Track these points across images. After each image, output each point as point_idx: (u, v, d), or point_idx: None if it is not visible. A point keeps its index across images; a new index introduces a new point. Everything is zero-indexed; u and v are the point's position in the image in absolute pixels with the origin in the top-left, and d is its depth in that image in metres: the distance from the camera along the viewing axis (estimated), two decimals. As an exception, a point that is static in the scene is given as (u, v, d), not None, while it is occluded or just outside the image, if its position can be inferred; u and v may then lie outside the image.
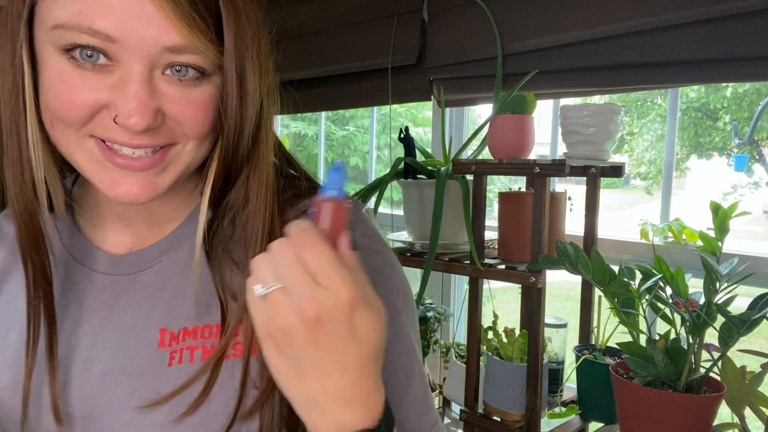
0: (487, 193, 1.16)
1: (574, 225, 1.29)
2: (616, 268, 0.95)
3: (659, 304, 0.91)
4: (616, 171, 1.25)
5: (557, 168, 1.03)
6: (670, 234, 1.28)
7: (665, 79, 1.18)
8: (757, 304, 0.84)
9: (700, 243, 0.99)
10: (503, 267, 1.12)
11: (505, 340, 1.15)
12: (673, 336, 0.92)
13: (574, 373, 1.18)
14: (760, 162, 7.59)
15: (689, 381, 0.88)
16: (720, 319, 0.85)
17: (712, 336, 0.87)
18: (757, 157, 7.50)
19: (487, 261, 1.15)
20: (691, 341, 0.87)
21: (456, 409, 1.49)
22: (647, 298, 0.91)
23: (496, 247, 1.24)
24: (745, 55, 1.05)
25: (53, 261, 0.54)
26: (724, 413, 0.86)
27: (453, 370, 1.38)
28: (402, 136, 1.38)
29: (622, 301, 0.95)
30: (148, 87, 0.45)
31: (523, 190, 1.29)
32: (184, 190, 0.57)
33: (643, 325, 0.94)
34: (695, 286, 0.93)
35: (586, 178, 1.26)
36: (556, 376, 1.21)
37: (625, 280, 0.93)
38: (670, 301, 0.89)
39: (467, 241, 1.16)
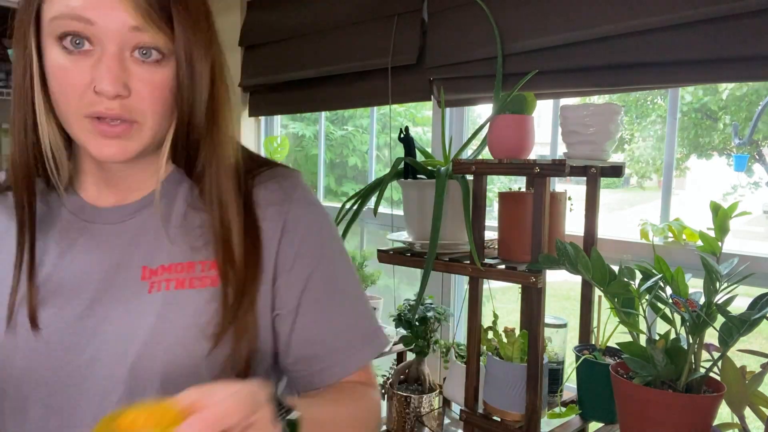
0: (487, 193, 1.16)
1: (574, 225, 1.29)
2: (616, 268, 0.95)
3: (659, 304, 0.91)
4: (616, 171, 1.25)
5: (557, 168, 1.03)
6: (670, 234, 1.28)
7: (665, 79, 1.18)
8: (757, 304, 0.84)
9: (700, 243, 0.99)
10: (503, 267, 1.12)
11: (505, 340, 1.15)
12: (673, 336, 0.92)
13: (574, 373, 1.18)
14: (760, 162, 7.59)
15: (689, 381, 0.88)
16: (720, 319, 0.85)
17: (712, 336, 0.87)
18: (757, 157, 7.49)
19: (487, 261, 1.15)
20: (691, 341, 0.87)
21: (456, 409, 1.49)
22: (647, 298, 0.91)
23: (496, 247, 1.24)
24: (744, 55, 1.06)
25: (50, 214, 0.70)
26: (724, 413, 0.87)
27: (453, 370, 1.38)
28: (402, 136, 1.38)
29: (622, 301, 0.95)
30: (119, 63, 0.59)
31: (523, 190, 1.29)
32: (154, 162, 0.69)
33: (643, 325, 0.95)
34: (695, 286, 0.93)
35: (586, 178, 1.26)
36: (556, 376, 1.21)
37: (625, 280, 0.93)
38: (670, 301, 0.89)
39: (467, 241, 1.16)
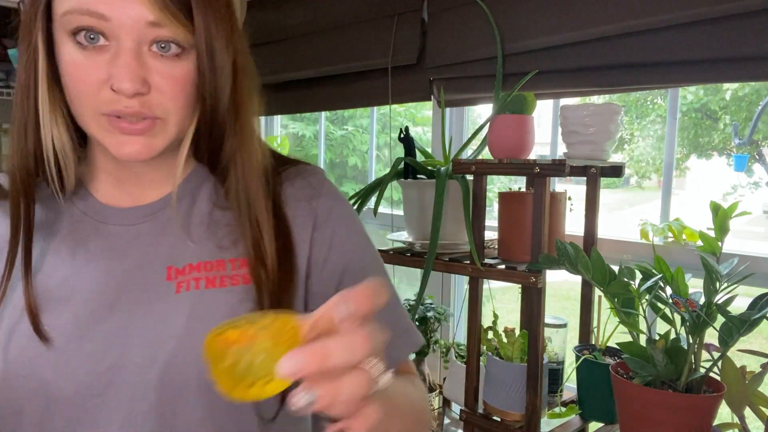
0: (487, 193, 1.16)
1: (574, 225, 1.29)
2: (616, 268, 0.95)
3: (659, 304, 0.91)
4: (616, 171, 1.25)
5: (557, 168, 1.03)
6: (670, 234, 1.28)
7: (665, 79, 1.18)
8: (757, 304, 0.84)
9: (700, 243, 0.99)
10: (503, 267, 1.12)
11: (505, 340, 1.15)
12: (673, 336, 0.92)
13: (574, 373, 1.18)
14: (760, 162, 7.59)
15: (689, 381, 0.88)
16: (720, 319, 0.85)
17: (712, 336, 0.87)
18: (757, 157, 7.49)
19: (487, 261, 1.15)
20: (691, 341, 0.87)
21: (456, 409, 1.49)
22: (647, 298, 0.91)
23: (496, 247, 1.24)
24: (745, 55, 1.05)
25: (59, 218, 0.66)
26: (724, 413, 0.86)
27: (453, 370, 1.38)
28: (402, 135, 1.38)
29: (622, 301, 0.95)
30: (137, 59, 0.55)
31: (523, 190, 1.29)
32: (174, 159, 0.65)
33: (643, 325, 0.94)
34: (695, 286, 0.93)
35: (586, 178, 1.26)
36: (556, 376, 1.21)
37: (625, 280, 0.93)
38: (670, 301, 0.89)
39: (467, 241, 1.16)
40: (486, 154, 1.27)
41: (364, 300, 0.40)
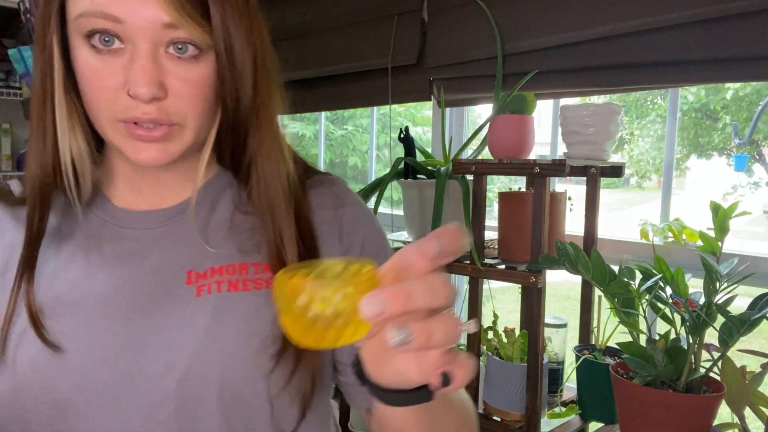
0: (487, 193, 1.16)
1: (574, 225, 1.29)
2: (616, 268, 0.95)
3: (659, 304, 0.91)
4: (616, 171, 1.25)
5: (557, 168, 1.03)
6: (670, 234, 1.28)
7: (665, 79, 1.18)
8: (757, 304, 0.84)
9: (700, 243, 0.99)
10: (503, 267, 1.12)
11: (505, 340, 1.15)
12: (673, 336, 0.92)
13: (574, 373, 1.18)
14: (760, 162, 7.59)
15: (689, 381, 0.88)
16: (720, 319, 0.85)
17: (712, 336, 0.87)
18: (757, 157, 7.49)
19: (487, 261, 1.15)
20: (691, 341, 0.87)
21: (456, 409, 1.49)
22: (647, 298, 0.91)
23: (496, 247, 1.24)
24: (745, 55, 1.05)
25: (73, 224, 0.63)
26: (724, 413, 0.86)
27: (453, 370, 1.38)
28: (402, 136, 1.38)
29: (622, 301, 0.95)
30: (153, 62, 0.53)
31: (523, 190, 1.29)
32: (197, 164, 0.63)
33: (643, 325, 0.95)
34: (695, 286, 0.93)
35: (586, 178, 1.26)
36: (556, 376, 1.21)
37: (625, 280, 0.93)
38: (670, 301, 0.89)
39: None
40: (486, 154, 1.27)
41: (454, 239, 0.37)
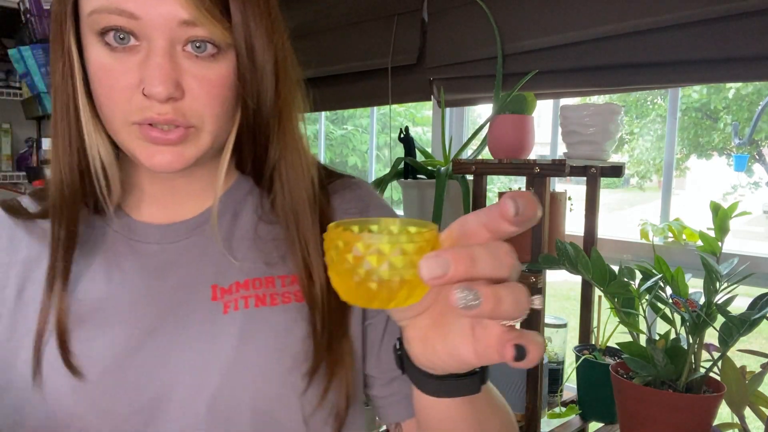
0: (487, 193, 1.16)
1: (574, 225, 1.29)
2: (616, 268, 0.95)
3: (659, 304, 0.91)
4: (616, 171, 1.25)
5: (557, 168, 1.03)
6: (670, 234, 1.28)
7: (665, 79, 1.18)
8: (757, 304, 0.84)
9: (700, 243, 0.99)
10: (503, 267, 1.12)
11: (505, 340, 1.15)
12: (673, 336, 0.92)
13: (574, 373, 1.18)
14: (760, 162, 7.59)
15: (689, 381, 0.88)
16: (720, 319, 0.85)
17: (712, 336, 0.87)
18: (757, 157, 7.50)
19: (487, 261, 1.15)
20: (691, 341, 0.87)
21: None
22: (647, 298, 0.91)
23: (496, 247, 1.24)
24: (745, 55, 1.05)
25: (93, 238, 0.60)
26: (724, 413, 0.86)
27: (453, 370, 1.38)
28: (402, 136, 1.38)
29: (622, 301, 0.95)
30: (170, 60, 0.50)
31: (523, 190, 1.29)
32: (216, 170, 0.60)
33: (643, 325, 0.94)
34: (695, 286, 0.93)
35: (586, 178, 1.26)
36: (556, 376, 1.21)
37: (625, 280, 0.93)
38: (670, 301, 0.89)
39: (467, 241, 1.16)
40: (486, 154, 1.27)
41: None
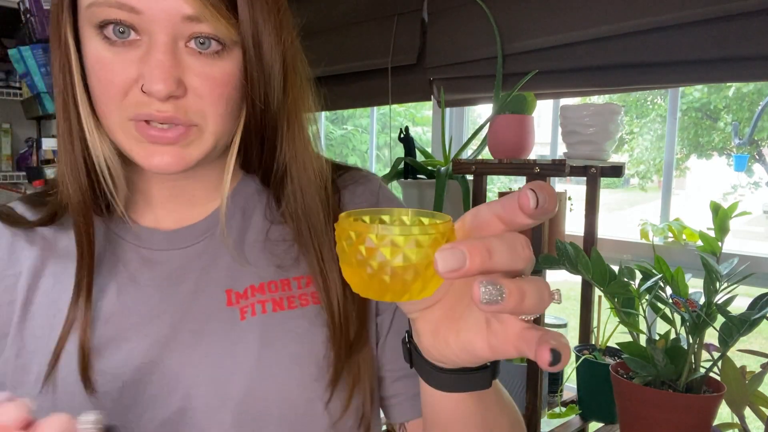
0: (487, 193, 1.16)
1: (574, 225, 1.29)
2: (616, 268, 0.95)
3: (659, 304, 0.91)
4: (616, 171, 1.25)
5: (557, 168, 1.03)
6: (670, 234, 1.28)
7: (665, 79, 1.18)
8: (757, 304, 0.84)
9: (700, 243, 0.99)
10: (503, 267, 1.12)
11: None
12: (673, 336, 0.92)
13: (574, 373, 1.18)
14: (760, 162, 7.59)
15: (689, 381, 0.88)
16: (720, 319, 0.85)
17: (712, 336, 0.87)
18: (757, 157, 7.50)
19: (487, 261, 1.15)
20: (691, 341, 0.87)
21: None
22: (647, 298, 0.91)
23: (496, 247, 1.24)
24: (745, 55, 1.05)
25: (104, 248, 0.58)
26: (724, 413, 0.86)
27: (453, 370, 1.38)
28: (402, 136, 1.38)
29: (622, 301, 0.95)
30: (171, 56, 0.48)
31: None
32: (221, 171, 0.58)
33: (643, 325, 0.94)
34: (695, 286, 0.93)
35: (586, 178, 1.26)
36: (556, 376, 1.21)
37: (625, 280, 0.93)
38: (670, 301, 0.89)
39: (467, 241, 1.16)
40: (486, 154, 1.27)
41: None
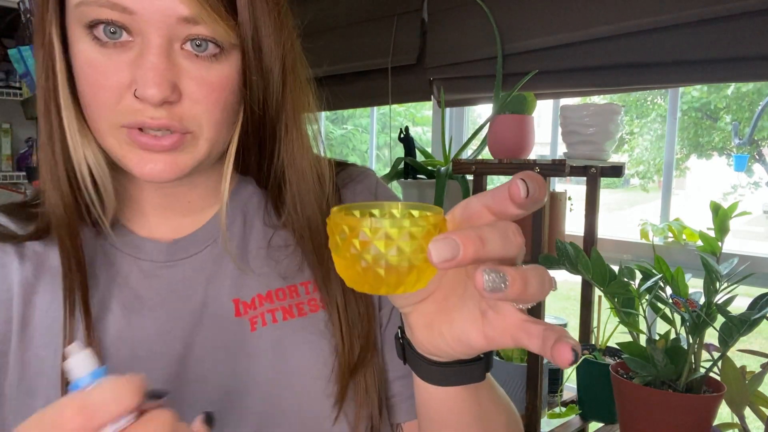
0: (487, 193, 1.16)
1: (574, 225, 1.29)
2: (616, 268, 0.95)
3: (659, 304, 0.91)
4: (616, 171, 1.25)
5: (557, 168, 1.03)
6: (670, 234, 1.28)
7: (665, 79, 1.18)
8: (757, 304, 0.84)
9: (700, 243, 0.99)
10: (503, 267, 1.12)
11: (505, 340, 1.15)
12: (673, 336, 0.92)
13: (574, 373, 1.18)
14: (760, 162, 7.59)
15: (689, 381, 0.88)
16: (720, 319, 0.85)
17: (712, 336, 0.87)
18: (757, 157, 7.50)
19: (487, 261, 1.15)
20: (691, 341, 0.87)
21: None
22: (647, 298, 0.91)
23: (496, 247, 1.24)
24: (745, 55, 1.05)
25: (95, 261, 0.55)
26: (724, 413, 0.86)
27: (453, 370, 1.38)
28: (402, 136, 1.38)
29: (622, 301, 0.95)
30: (166, 59, 0.45)
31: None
32: (217, 176, 0.56)
33: (643, 325, 0.94)
34: (695, 286, 0.93)
35: (586, 178, 1.26)
36: (556, 376, 1.21)
37: (625, 280, 0.93)
38: (670, 301, 0.89)
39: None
40: (486, 154, 1.27)
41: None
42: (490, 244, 0.32)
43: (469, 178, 1.18)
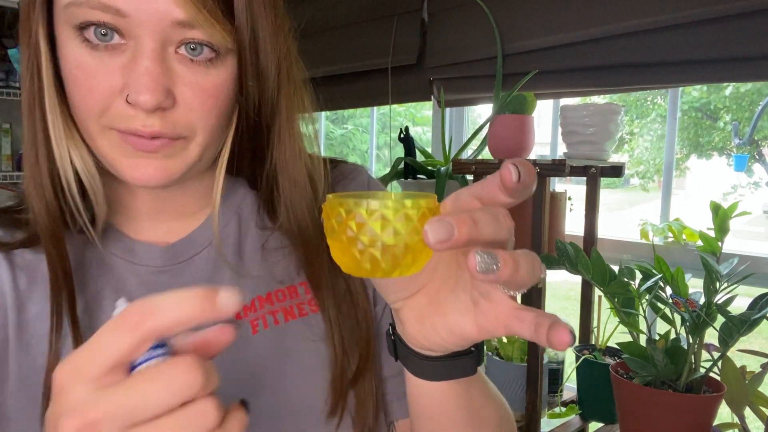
0: (487, 193, 1.16)
1: (574, 225, 1.29)
2: (616, 268, 0.95)
3: (659, 304, 0.91)
4: (616, 171, 1.25)
5: (557, 168, 1.03)
6: (670, 234, 1.28)
7: (665, 79, 1.18)
8: (757, 304, 0.84)
9: (700, 243, 0.99)
10: (503, 267, 1.12)
11: (505, 340, 1.15)
12: (673, 336, 0.92)
13: (574, 373, 1.18)
14: (760, 162, 7.60)
15: (689, 381, 0.88)
16: (720, 319, 0.85)
17: (712, 336, 0.87)
18: (757, 157, 7.50)
19: (487, 261, 1.15)
20: (691, 341, 0.87)
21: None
22: (647, 298, 0.91)
23: (496, 247, 1.24)
24: (745, 55, 1.06)
25: (87, 266, 0.53)
26: (724, 413, 0.86)
27: (453, 370, 1.38)
28: (402, 136, 1.38)
29: (622, 301, 0.95)
30: (160, 63, 0.44)
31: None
32: (210, 179, 0.55)
33: (643, 325, 0.94)
34: (695, 286, 0.93)
35: (586, 178, 1.26)
36: (556, 376, 1.21)
37: (625, 280, 0.93)
38: (670, 301, 0.89)
39: (467, 241, 1.16)
40: (486, 154, 1.27)
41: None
42: (482, 226, 0.32)
43: (469, 178, 1.18)
